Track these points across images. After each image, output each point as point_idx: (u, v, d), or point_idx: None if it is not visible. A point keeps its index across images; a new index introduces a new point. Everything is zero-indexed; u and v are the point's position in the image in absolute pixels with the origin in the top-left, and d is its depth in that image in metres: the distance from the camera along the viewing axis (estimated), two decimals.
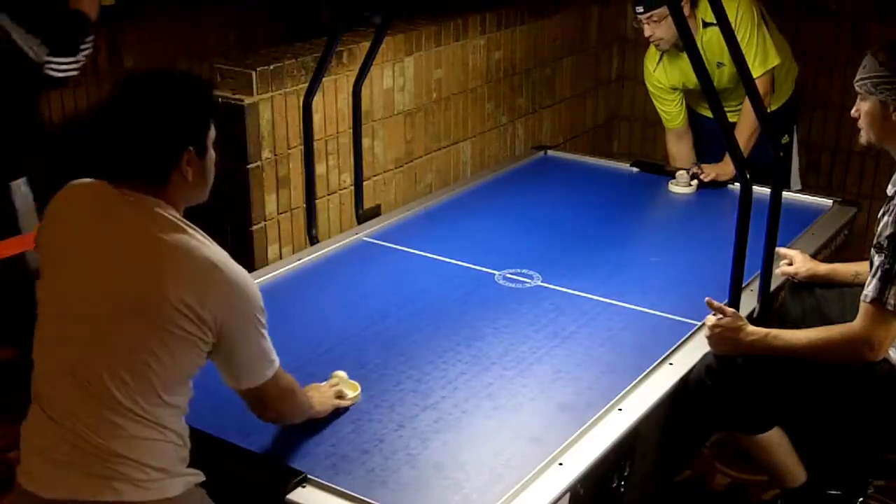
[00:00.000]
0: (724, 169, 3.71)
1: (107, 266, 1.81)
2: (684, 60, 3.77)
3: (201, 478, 1.89)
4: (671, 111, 4.06)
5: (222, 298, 1.81)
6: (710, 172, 3.75)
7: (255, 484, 1.99)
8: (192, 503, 1.86)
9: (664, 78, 3.96)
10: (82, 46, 2.91)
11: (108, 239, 1.82)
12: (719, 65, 3.76)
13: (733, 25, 3.66)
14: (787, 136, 4.04)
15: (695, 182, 3.74)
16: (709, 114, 4.00)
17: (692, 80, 3.75)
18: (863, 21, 4.61)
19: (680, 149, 4.14)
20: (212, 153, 1.91)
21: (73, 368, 1.79)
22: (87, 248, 1.84)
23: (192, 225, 1.86)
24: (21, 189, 3.03)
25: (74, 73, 2.92)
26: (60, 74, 2.88)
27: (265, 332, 1.92)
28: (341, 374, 2.36)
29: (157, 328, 1.77)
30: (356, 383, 2.36)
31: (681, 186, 3.74)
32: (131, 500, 1.77)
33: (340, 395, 2.30)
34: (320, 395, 2.24)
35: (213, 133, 1.91)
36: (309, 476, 2.03)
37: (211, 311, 1.80)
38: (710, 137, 4.03)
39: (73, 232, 1.87)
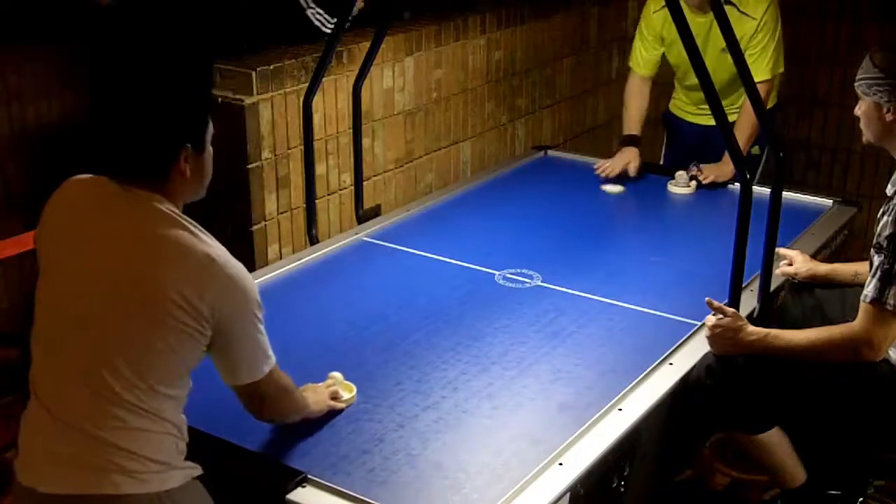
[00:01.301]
0: (723, 170, 3.70)
1: (105, 261, 1.82)
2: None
3: (199, 471, 1.89)
4: (646, 57, 3.96)
5: (220, 293, 1.82)
6: (708, 174, 3.73)
7: (255, 484, 1.99)
8: (192, 496, 1.86)
9: (658, 25, 3.87)
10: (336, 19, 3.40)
11: (107, 234, 1.83)
12: (724, 50, 3.57)
13: (759, 22, 3.63)
14: (757, 147, 3.89)
15: (693, 183, 3.73)
16: (697, 120, 3.97)
17: (679, 48, 3.72)
18: (862, 21, 4.61)
19: (633, 99, 4.02)
20: (209, 150, 1.92)
21: (72, 362, 1.80)
22: (85, 244, 1.84)
23: (191, 220, 1.87)
24: None
25: (326, 30, 3.49)
26: (316, 23, 3.47)
27: (262, 328, 1.92)
28: (337, 375, 2.35)
29: (156, 321, 1.78)
30: (352, 385, 2.36)
31: (679, 187, 3.73)
32: (129, 492, 1.78)
33: (336, 396, 2.29)
34: (316, 395, 2.24)
35: (210, 130, 1.92)
36: (309, 476, 2.03)
37: (209, 304, 1.80)
38: (700, 144, 3.95)
39: (71, 228, 1.88)
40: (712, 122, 3.82)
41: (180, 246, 1.81)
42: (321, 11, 3.59)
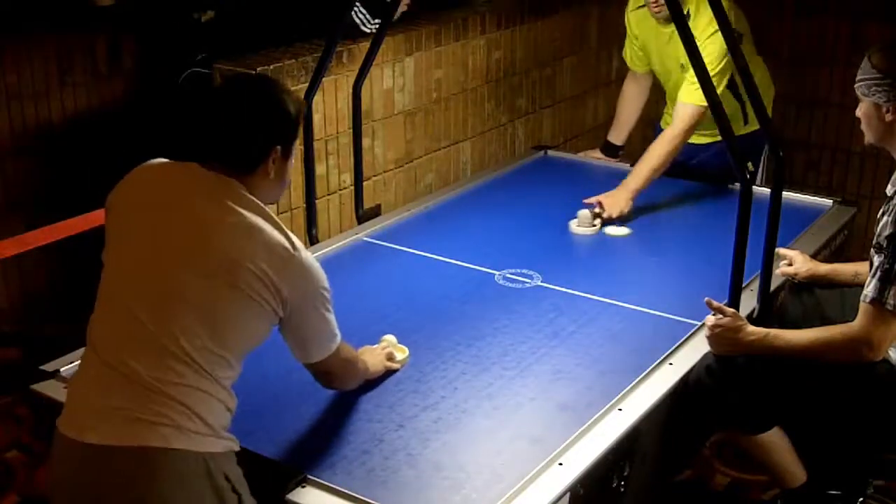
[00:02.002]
0: (621, 199, 3.42)
1: (190, 229, 1.91)
2: (657, 35, 3.69)
3: (237, 447, 1.94)
4: (630, 55, 3.95)
5: (296, 276, 1.95)
6: (611, 210, 3.39)
7: (255, 484, 1.99)
8: (230, 465, 1.90)
9: (633, 24, 3.85)
10: (377, 20, 3.58)
11: (192, 206, 1.93)
12: (683, 67, 3.55)
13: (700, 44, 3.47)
14: (751, 164, 3.74)
15: (598, 221, 3.38)
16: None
17: (651, 50, 3.75)
18: (862, 21, 4.61)
19: (624, 102, 4.03)
20: (292, 160, 2.06)
21: (144, 318, 1.86)
22: (169, 211, 1.94)
23: (271, 213, 1.98)
24: None
25: (365, 30, 3.61)
26: (356, 20, 3.59)
27: (331, 308, 2.07)
28: (390, 337, 2.51)
29: (237, 290, 1.88)
30: (405, 347, 2.50)
31: (584, 227, 3.36)
32: (178, 447, 1.81)
33: (391, 358, 2.46)
34: (373, 357, 2.39)
35: (296, 143, 2.05)
36: (309, 476, 2.04)
37: (287, 287, 1.93)
38: (685, 160, 3.80)
39: (156, 196, 1.98)
40: (700, 140, 3.85)
41: (264, 228, 1.92)
42: (364, 11, 3.59)
